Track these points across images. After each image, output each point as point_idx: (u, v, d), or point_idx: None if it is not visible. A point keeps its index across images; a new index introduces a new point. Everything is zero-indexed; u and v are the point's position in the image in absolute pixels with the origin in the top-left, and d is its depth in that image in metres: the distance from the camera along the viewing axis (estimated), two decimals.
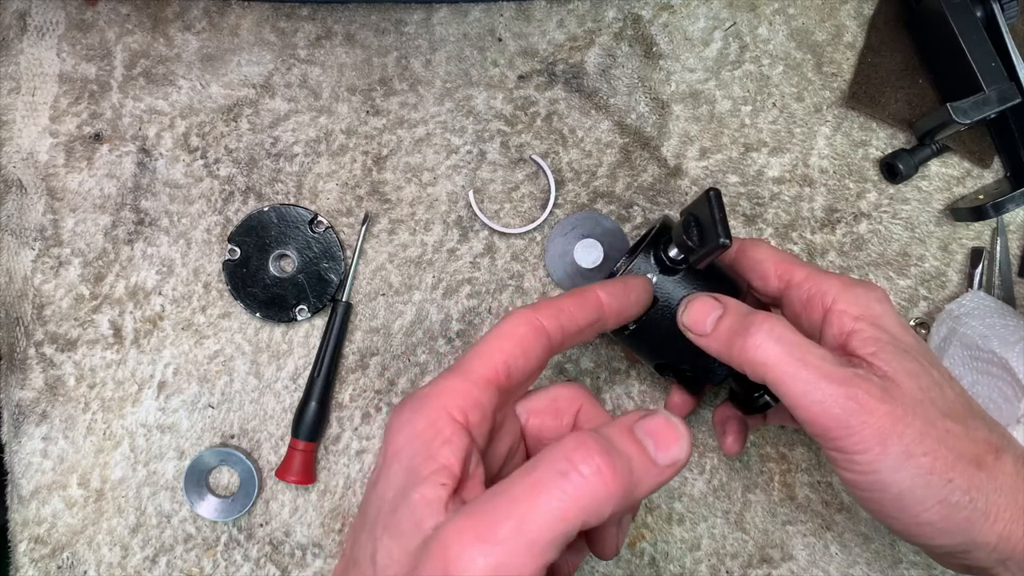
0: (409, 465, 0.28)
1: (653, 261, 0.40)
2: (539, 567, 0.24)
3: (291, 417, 0.51)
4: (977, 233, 0.52)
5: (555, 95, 0.53)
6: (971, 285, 0.50)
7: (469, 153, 0.53)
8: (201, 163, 0.52)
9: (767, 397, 0.41)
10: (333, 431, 0.51)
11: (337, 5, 0.53)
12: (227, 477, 0.51)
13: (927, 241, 0.52)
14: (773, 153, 0.53)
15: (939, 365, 0.36)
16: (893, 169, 0.51)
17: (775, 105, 0.53)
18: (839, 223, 0.52)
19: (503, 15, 0.53)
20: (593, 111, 0.53)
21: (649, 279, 0.40)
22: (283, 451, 0.51)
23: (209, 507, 0.50)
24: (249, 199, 0.52)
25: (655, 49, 0.53)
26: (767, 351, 0.34)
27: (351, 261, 0.51)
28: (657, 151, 0.53)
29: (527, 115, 0.53)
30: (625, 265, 0.41)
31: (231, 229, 0.51)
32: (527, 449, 0.36)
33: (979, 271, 0.50)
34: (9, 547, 0.51)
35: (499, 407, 0.32)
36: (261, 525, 0.50)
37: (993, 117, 0.48)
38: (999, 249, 0.51)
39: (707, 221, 0.36)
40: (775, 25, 0.53)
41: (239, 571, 0.50)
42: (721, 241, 0.35)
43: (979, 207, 0.49)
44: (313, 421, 0.49)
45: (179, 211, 0.52)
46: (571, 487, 0.25)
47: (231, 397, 0.51)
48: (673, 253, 0.40)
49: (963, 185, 0.52)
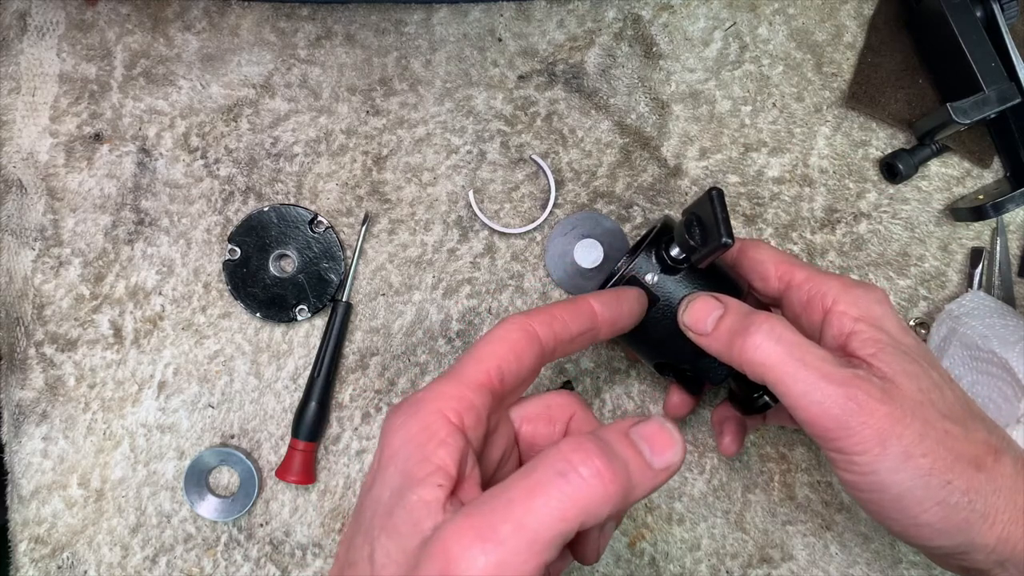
0: (405, 467, 0.29)
1: (654, 260, 0.40)
2: (539, 566, 0.25)
3: (291, 417, 0.51)
4: (977, 233, 0.52)
5: (555, 95, 0.53)
6: (971, 285, 0.50)
7: (469, 153, 0.53)
8: (201, 163, 0.52)
9: (766, 398, 0.41)
10: (333, 431, 0.51)
11: (337, 5, 0.53)
12: (227, 477, 0.51)
13: (927, 241, 0.52)
14: (773, 153, 0.53)
15: (939, 366, 0.36)
16: (893, 169, 0.51)
17: (775, 105, 0.53)
18: (839, 223, 0.52)
19: (503, 15, 0.53)
20: (593, 111, 0.53)
21: (643, 291, 0.40)
22: (283, 451, 0.51)
23: (209, 507, 0.50)
24: (249, 199, 0.52)
25: (655, 49, 0.53)
26: (767, 351, 0.34)
27: (351, 261, 0.52)
28: (657, 151, 0.53)
29: (527, 115, 0.53)
30: (626, 264, 0.41)
31: (231, 229, 0.51)
32: (520, 455, 0.36)
33: (979, 271, 0.50)
34: (9, 547, 0.51)
35: (493, 411, 0.32)
36: (261, 525, 0.50)
37: (993, 117, 0.48)
38: (999, 249, 0.51)
39: (709, 220, 0.36)
40: (775, 25, 0.53)
41: (239, 571, 0.50)
42: (723, 240, 0.35)
43: (979, 207, 0.49)
44: (313, 421, 0.49)
45: (179, 211, 0.52)
46: (570, 488, 0.25)
47: (231, 397, 0.51)
48: (675, 252, 0.40)
49: (963, 185, 0.52)
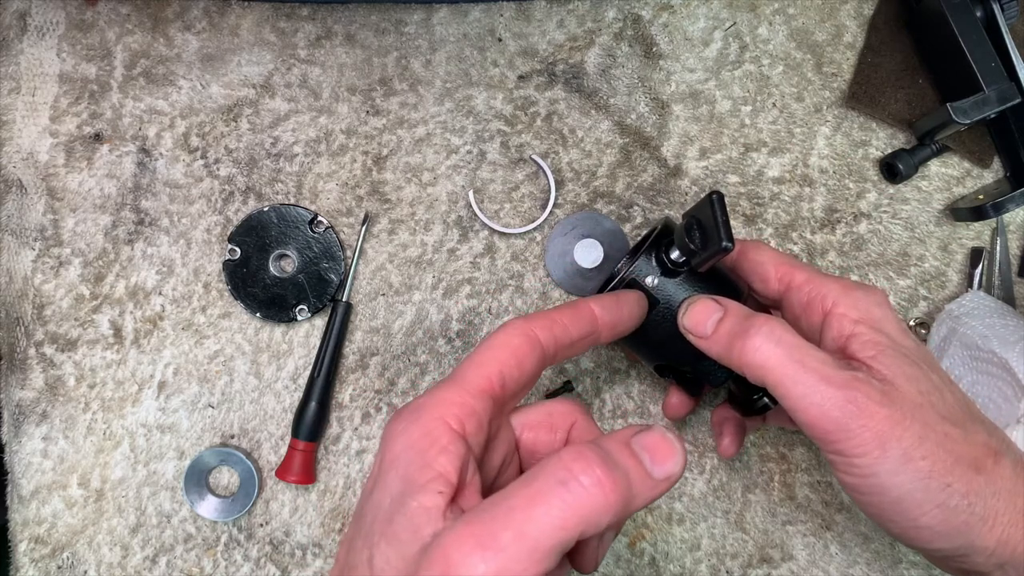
0: (406, 473, 0.29)
1: (654, 263, 0.40)
2: (539, 574, 0.25)
3: (291, 417, 0.51)
4: (977, 233, 0.52)
5: (555, 95, 0.53)
6: (971, 285, 0.50)
7: (469, 153, 0.53)
8: (201, 163, 0.52)
9: (766, 399, 0.41)
10: (333, 431, 0.51)
11: (337, 5, 0.53)
12: (227, 477, 0.51)
13: (927, 241, 0.52)
14: (773, 153, 0.53)
15: (939, 369, 0.36)
16: (893, 169, 0.51)
17: (775, 105, 0.53)
18: (839, 223, 0.52)
19: (503, 15, 0.53)
20: (593, 111, 0.53)
21: (643, 294, 0.40)
22: (283, 451, 0.51)
23: (209, 507, 0.50)
24: (249, 199, 0.52)
25: (655, 49, 0.53)
26: (767, 353, 0.34)
27: (351, 261, 0.52)
28: (657, 151, 0.53)
29: (527, 115, 0.53)
30: (626, 267, 0.41)
31: (231, 229, 0.51)
32: (521, 461, 0.36)
33: (979, 271, 0.50)
34: (9, 547, 0.51)
35: (494, 417, 0.32)
36: (261, 525, 0.50)
37: (993, 117, 0.48)
38: (999, 249, 0.51)
39: (709, 224, 0.36)
40: (775, 25, 0.53)
41: (239, 571, 0.50)
42: (723, 244, 0.35)
43: (979, 207, 0.49)
44: (313, 421, 0.49)
45: (179, 211, 0.52)
46: (571, 497, 0.25)
47: (231, 397, 0.51)
48: (675, 255, 0.40)
49: (963, 185, 0.52)
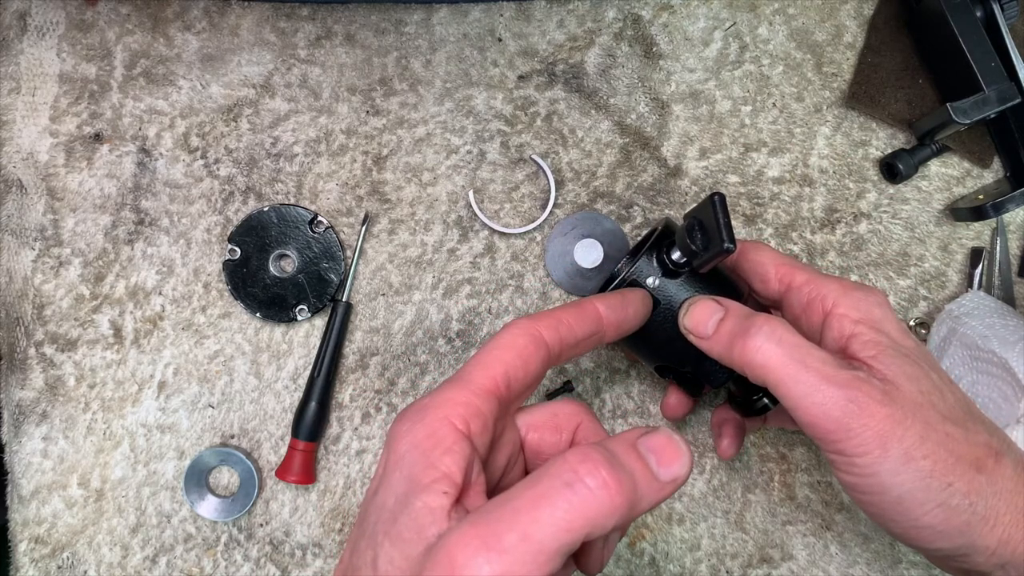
0: (410, 473, 0.29)
1: (655, 264, 0.40)
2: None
3: (291, 417, 0.51)
4: (977, 233, 0.52)
5: (555, 95, 0.53)
6: (971, 285, 0.50)
7: (469, 153, 0.53)
8: (201, 163, 0.52)
9: (766, 400, 0.41)
10: (333, 431, 0.51)
11: (337, 5, 0.53)
12: (227, 477, 0.51)
13: (927, 241, 0.52)
14: (773, 153, 0.53)
15: (939, 369, 0.36)
16: (893, 169, 0.51)
17: (775, 105, 0.53)
18: (839, 223, 0.52)
19: (503, 15, 0.53)
20: (593, 111, 0.53)
21: (647, 292, 0.40)
22: (283, 451, 0.51)
23: (209, 507, 0.50)
24: (249, 199, 0.52)
25: (655, 49, 0.53)
26: (768, 353, 0.34)
27: (351, 261, 0.52)
28: (657, 151, 0.53)
29: (527, 115, 0.53)
30: (627, 267, 0.41)
31: (231, 229, 0.51)
32: (526, 462, 0.36)
33: (979, 271, 0.50)
34: (9, 547, 0.51)
35: (499, 417, 0.32)
36: (261, 525, 0.50)
37: (993, 117, 0.48)
38: (999, 249, 0.51)
39: (711, 225, 0.36)
40: (775, 25, 0.53)
41: (239, 571, 0.50)
42: (725, 246, 0.35)
43: (979, 207, 0.49)
44: (313, 421, 0.49)
45: (179, 211, 0.52)
46: (576, 499, 0.25)
47: (231, 397, 0.51)
48: (676, 256, 0.40)
49: (963, 185, 0.52)
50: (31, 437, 0.51)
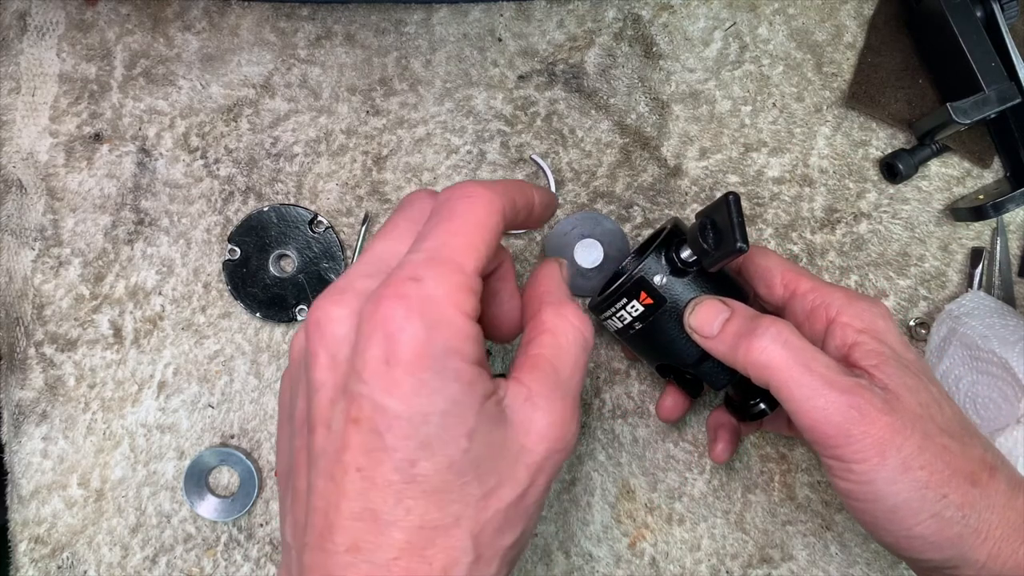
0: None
1: (664, 262, 0.40)
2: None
3: None
4: (977, 233, 0.52)
5: (555, 95, 0.53)
6: (971, 285, 0.50)
7: (469, 153, 0.53)
8: (201, 163, 0.52)
9: (763, 405, 0.41)
10: None
11: (337, 5, 0.53)
12: (227, 477, 0.51)
13: (927, 241, 0.52)
14: (773, 153, 0.53)
15: (937, 383, 0.37)
16: (893, 169, 0.51)
17: (775, 105, 0.53)
18: (839, 223, 0.52)
19: (503, 15, 0.53)
20: (593, 111, 0.53)
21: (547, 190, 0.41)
22: None
23: (209, 507, 0.50)
24: (249, 199, 0.52)
25: (655, 49, 0.53)
26: (772, 354, 0.35)
27: (351, 261, 0.51)
28: (657, 151, 0.53)
29: (527, 115, 0.53)
30: (634, 264, 0.41)
31: (231, 229, 0.51)
32: None
33: (979, 271, 0.50)
34: (9, 547, 0.51)
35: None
36: (261, 525, 0.50)
37: (993, 117, 0.48)
38: (999, 249, 0.51)
39: (724, 225, 0.37)
40: (775, 25, 0.53)
41: (239, 571, 0.50)
42: (738, 246, 0.35)
43: (979, 207, 0.49)
44: None
45: (179, 211, 0.52)
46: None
47: (231, 397, 0.51)
48: (685, 255, 0.40)
49: (963, 185, 0.52)
50: (31, 437, 0.51)
